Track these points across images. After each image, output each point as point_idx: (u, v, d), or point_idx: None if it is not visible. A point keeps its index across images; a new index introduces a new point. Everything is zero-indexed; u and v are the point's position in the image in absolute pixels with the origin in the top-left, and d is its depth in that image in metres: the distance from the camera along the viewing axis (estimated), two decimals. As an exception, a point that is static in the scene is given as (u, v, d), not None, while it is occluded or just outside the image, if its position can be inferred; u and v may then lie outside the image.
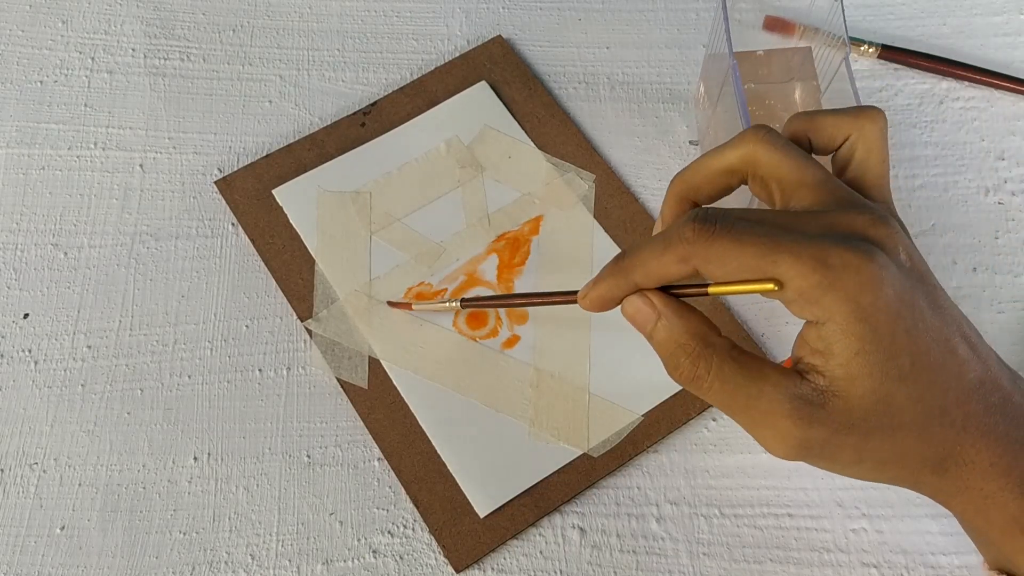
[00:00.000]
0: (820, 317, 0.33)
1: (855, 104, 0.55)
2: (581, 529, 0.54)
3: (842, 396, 0.34)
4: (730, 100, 0.56)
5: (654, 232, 0.42)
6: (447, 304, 0.57)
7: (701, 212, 0.35)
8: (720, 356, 0.36)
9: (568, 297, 0.44)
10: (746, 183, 0.40)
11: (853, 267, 0.33)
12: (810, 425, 0.34)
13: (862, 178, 0.40)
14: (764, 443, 0.36)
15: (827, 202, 0.36)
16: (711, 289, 0.35)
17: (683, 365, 0.37)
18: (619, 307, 0.40)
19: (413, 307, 0.58)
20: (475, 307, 0.57)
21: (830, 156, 0.41)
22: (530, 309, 0.59)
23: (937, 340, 0.35)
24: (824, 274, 0.33)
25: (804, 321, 0.35)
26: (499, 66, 0.68)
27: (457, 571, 0.53)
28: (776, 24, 0.65)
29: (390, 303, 0.59)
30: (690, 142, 0.66)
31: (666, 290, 0.38)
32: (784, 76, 0.62)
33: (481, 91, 0.66)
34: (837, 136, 0.40)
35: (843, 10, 0.56)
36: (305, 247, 0.61)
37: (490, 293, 0.60)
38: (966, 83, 0.68)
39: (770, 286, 0.33)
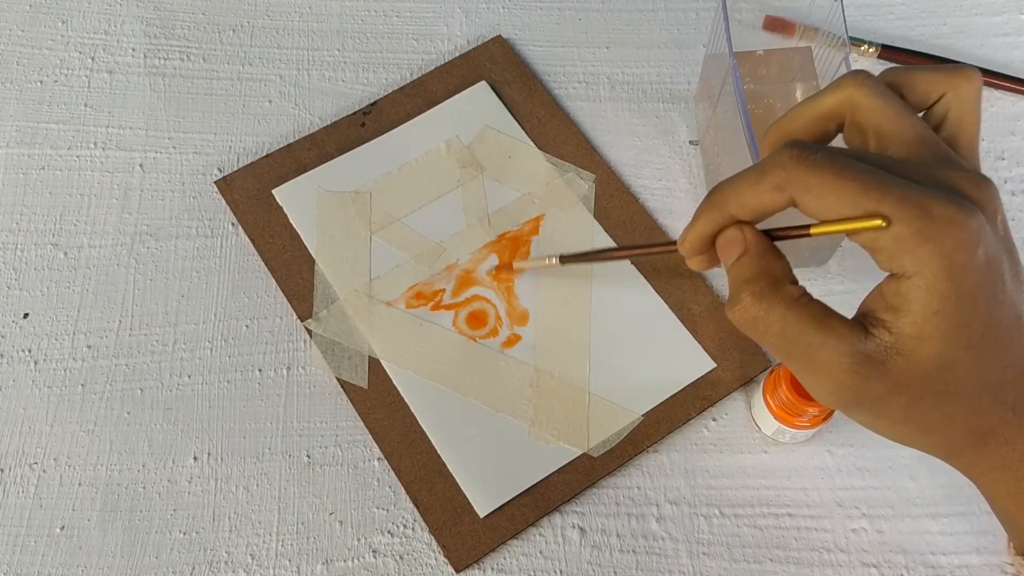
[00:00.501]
0: (909, 269, 0.32)
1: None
2: (581, 529, 0.54)
3: (905, 355, 0.33)
4: (730, 100, 0.55)
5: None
6: (547, 260, 0.56)
7: (800, 142, 0.34)
8: (786, 303, 0.34)
9: (668, 247, 0.42)
10: (842, 130, 0.39)
11: (956, 223, 0.31)
12: (867, 380, 0.34)
13: (955, 138, 0.38)
14: (814, 390, 0.35)
15: (926, 154, 0.35)
16: (814, 229, 0.34)
17: (744, 302, 0.35)
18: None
19: (514, 266, 0.59)
20: (576, 262, 0.56)
21: (922, 113, 0.39)
22: (530, 309, 0.59)
23: (1011, 315, 0.34)
24: (926, 223, 0.31)
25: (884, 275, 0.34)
26: (499, 66, 0.68)
27: (457, 571, 0.53)
28: (776, 24, 0.65)
29: (499, 268, 0.60)
30: (690, 142, 0.66)
31: (768, 233, 0.36)
32: (784, 76, 0.62)
33: (481, 91, 0.66)
34: (932, 93, 0.38)
35: (843, 10, 0.56)
36: (305, 247, 0.61)
37: (489, 293, 0.60)
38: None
39: (878, 222, 0.32)
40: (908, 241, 0.32)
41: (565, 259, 0.55)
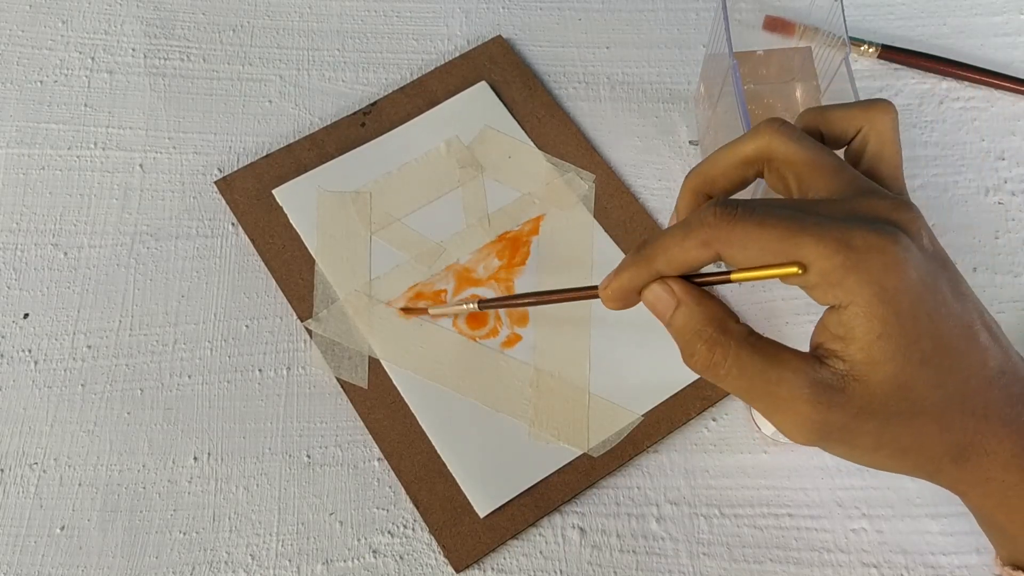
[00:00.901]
0: (842, 300, 0.33)
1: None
2: (581, 529, 0.54)
3: (862, 380, 0.34)
4: (730, 100, 0.56)
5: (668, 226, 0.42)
6: (465, 307, 0.56)
7: (722, 198, 0.35)
8: (738, 342, 0.35)
9: (589, 292, 0.44)
10: (762, 176, 0.40)
11: (877, 248, 0.32)
12: (829, 409, 0.34)
13: (876, 170, 0.39)
14: (782, 428, 0.36)
15: (845, 190, 0.36)
16: (734, 276, 0.35)
17: (700, 352, 0.36)
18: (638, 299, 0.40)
19: (430, 311, 0.58)
20: (492, 308, 0.57)
21: (842, 150, 0.41)
22: (531, 308, 0.59)
23: (959, 326, 0.35)
24: (847, 255, 0.32)
25: (824, 308, 0.35)
26: (499, 66, 0.68)
27: (457, 571, 0.53)
28: (776, 24, 0.65)
29: (403, 310, 0.59)
30: (690, 142, 0.66)
31: (689, 279, 0.37)
32: (784, 76, 0.62)
33: (481, 91, 0.66)
34: (849, 129, 0.40)
35: (843, 10, 0.56)
36: (305, 247, 0.61)
37: (491, 293, 0.60)
38: (966, 83, 0.68)
39: (794, 269, 0.33)
40: (834, 274, 0.33)
41: (483, 305, 0.55)
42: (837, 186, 0.36)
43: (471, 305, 0.56)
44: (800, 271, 0.33)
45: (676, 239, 0.36)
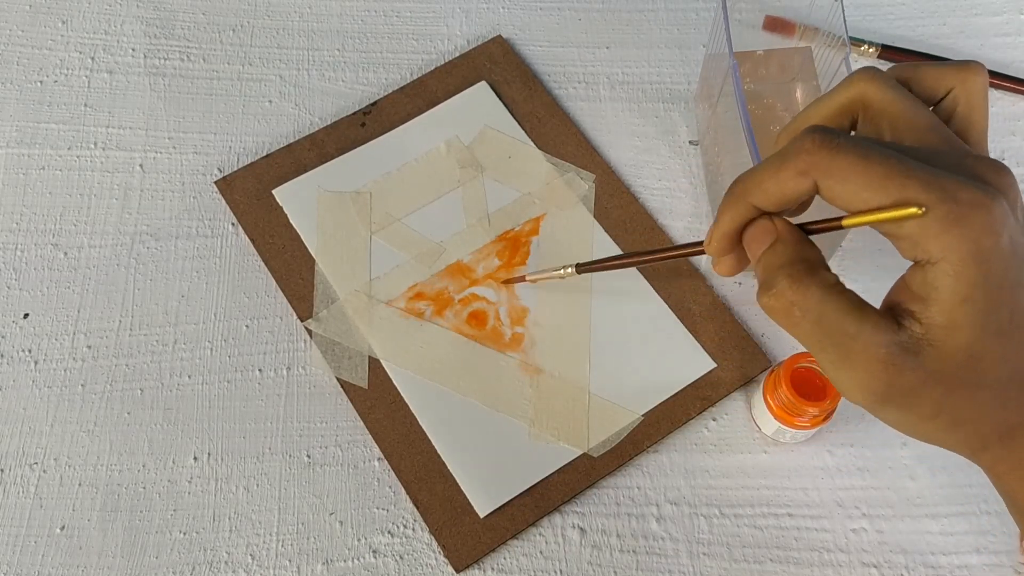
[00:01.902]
0: (935, 255, 0.31)
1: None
2: (581, 529, 0.54)
3: (937, 346, 0.32)
4: (730, 100, 0.55)
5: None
6: (563, 271, 0.55)
7: (822, 127, 0.33)
8: (823, 288, 0.34)
9: (694, 248, 0.42)
10: (855, 128, 0.38)
11: (982, 206, 0.31)
12: (901, 372, 0.33)
13: (965, 131, 0.38)
14: (845, 384, 0.34)
15: (940, 146, 0.34)
16: (847, 221, 0.33)
17: (781, 287, 0.34)
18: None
19: (527, 278, 0.58)
20: (594, 270, 0.55)
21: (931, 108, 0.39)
22: (530, 308, 0.59)
23: None
24: (952, 207, 0.31)
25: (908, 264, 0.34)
26: (499, 66, 0.68)
27: (457, 571, 0.52)
28: (776, 24, 0.65)
29: (505, 282, 0.59)
30: (690, 142, 0.66)
31: (799, 227, 0.35)
32: (784, 76, 0.62)
33: (481, 91, 0.66)
34: (940, 88, 0.38)
35: (843, 10, 0.56)
36: (305, 247, 0.61)
37: (489, 293, 0.60)
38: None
39: (914, 210, 0.31)
40: (934, 226, 0.31)
41: (582, 268, 0.54)
42: (933, 139, 0.34)
43: (569, 269, 0.54)
44: (921, 213, 0.31)
45: (771, 170, 0.34)
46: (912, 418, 0.34)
